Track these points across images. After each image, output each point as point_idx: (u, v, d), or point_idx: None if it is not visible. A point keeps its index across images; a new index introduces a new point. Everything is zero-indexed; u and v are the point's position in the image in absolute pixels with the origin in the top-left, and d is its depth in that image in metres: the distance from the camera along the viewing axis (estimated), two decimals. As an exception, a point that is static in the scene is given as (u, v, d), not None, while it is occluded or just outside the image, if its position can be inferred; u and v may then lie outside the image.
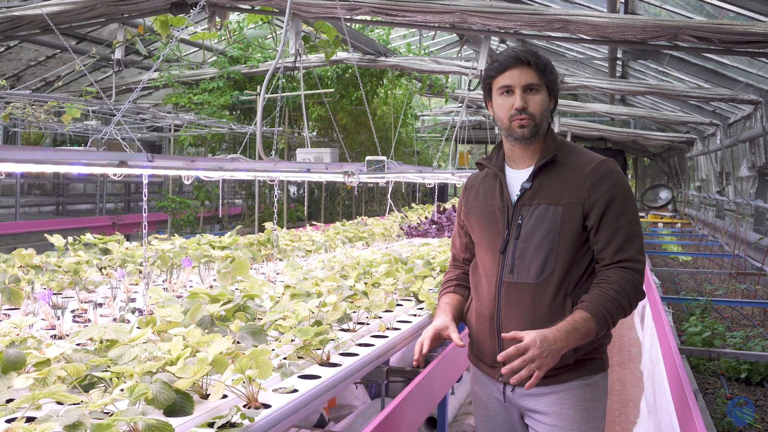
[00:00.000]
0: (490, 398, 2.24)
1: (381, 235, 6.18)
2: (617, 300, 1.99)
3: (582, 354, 2.07)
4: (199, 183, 10.91)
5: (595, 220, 2.05)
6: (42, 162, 2.17)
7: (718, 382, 3.74)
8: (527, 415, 2.16)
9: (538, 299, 2.06)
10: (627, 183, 2.12)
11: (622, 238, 2.03)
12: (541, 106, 2.10)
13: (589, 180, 2.07)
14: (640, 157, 21.66)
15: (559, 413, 2.08)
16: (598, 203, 2.05)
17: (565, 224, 2.06)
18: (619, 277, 2.01)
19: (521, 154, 2.18)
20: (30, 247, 3.57)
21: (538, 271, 2.07)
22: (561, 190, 2.08)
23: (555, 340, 1.90)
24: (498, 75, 2.12)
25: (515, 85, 2.09)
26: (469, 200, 2.31)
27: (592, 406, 2.10)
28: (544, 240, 2.06)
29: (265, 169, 3.78)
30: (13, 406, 1.58)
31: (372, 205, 14.84)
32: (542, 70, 2.09)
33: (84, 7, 6.18)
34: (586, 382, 2.09)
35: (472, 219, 2.26)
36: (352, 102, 11.74)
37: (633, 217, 2.07)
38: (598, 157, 2.14)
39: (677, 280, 7.13)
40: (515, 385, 2.03)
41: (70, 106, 7.98)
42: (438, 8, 5.61)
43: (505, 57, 2.12)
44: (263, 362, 1.79)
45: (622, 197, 2.06)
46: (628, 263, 2.03)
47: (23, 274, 3.14)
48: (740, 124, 10.10)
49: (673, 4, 6.54)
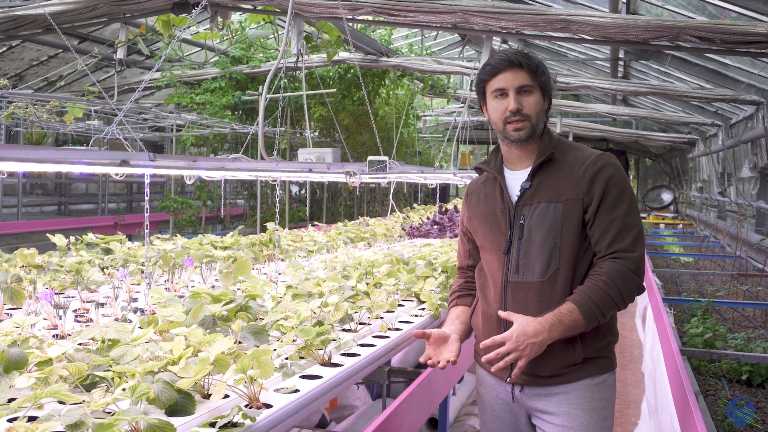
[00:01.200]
0: (496, 400, 2.23)
1: (383, 235, 6.18)
2: (606, 291, 1.98)
3: (590, 353, 2.07)
4: (201, 183, 10.92)
5: (591, 213, 2.05)
6: (44, 161, 2.18)
7: (719, 384, 3.74)
8: (535, 415, 2.16)
9: (544, 297, 2.06)
10: (624, 175, 2.11)
11: (617, 229, 2.03)
12: (536, 106, 2.11)
13: (587, 174, 2.07)
14: (641, 158, 21.65)
15: (568, 413, 2.08)
16: (595, 196, 2.05)
17: (566, 221, 2.06)
18: (609, 268, 2.00)
19: (519, 156, 2.18)
20: (32, 247, 3.57)
21: (543, 269, 2.06)
22: (560, 187, 2.09)
23: (536, 333, 1.92)
24: (491, 78, 2.13)
25: (508, 88, 2.09)
26: (471, 205, 2.31)
27: (600, 406, 2.09)
28: (547, 238, 2.06)
29: (267, 169, 3.79)
30: (14, 405, 1.59)
31: (374, 206, 14.85)
32: (534, 71, 2.09)
33: (86, 7, 6.19)
34: (594, 381, 2.09)
35: (475, 223, 2.27)
36: (354, 102, 11.75)
37: (629, 209, 2.06)
38: (596, 152, 2.14)
39: (679, 281, 7.13)
40: (504, 378, 2.12)
41: (72, 105, 7.99)
42: (440, 8, 5.61)
43: (497, 60, 2.12)
44: (265, 362, 1.79)
45: (618, 188, 2.06)
46: (621, 253, 2.02)
47: (25, 274, 3.15)
48: (742, 125, 10.09)
49: (674, 5, 6.54)
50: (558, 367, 2.06)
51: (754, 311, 5.55)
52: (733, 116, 10.67)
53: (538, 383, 2.10)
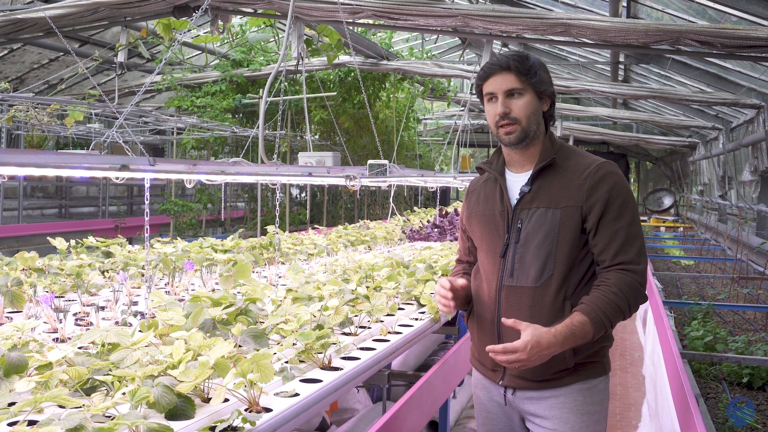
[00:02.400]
0: (491, 402, 2.24)
1: (383, 238, 6.19)
2: (616, 303, 1.98)
3: (582, 357, 2.07)
4: (201, 186, 10.92)
5: (593, 222, 2.04)
6: (43, 166, 2.18)
7: (719, 387, 3.73)
8: (528, 419, 2.16)
9: (537, 303, 2.06)
10: (626, 184, 2.10)
11: (622, 240, 2.02)
12: (526, 109, 2.08)
13: (588, 182, 2.05)
14: (642, 161, 21.64)
15: (560, 417, 2.08)
16: (596, 205, 2.03)
17: (563, 227, 2.05)
18: (618, 280, 2.00)
19: (519, 158, 2.18)
20: (33, 250, 3.57)
21: (537, 274, 2.06)
22: (559, 194, 2.08)
23: (549, 345, 1.90)
24: (483, 83, 2.13)
25: (497, 92, 2.09)
26: (471, 204, 2.31)
27: (592, 410, 2.09)
28: (543, 243, 2.06)
29: (267, 172, 3.79)
30: (15, 409, 1.59)
31: (374, 209, 14.85)
32: (524, 73, 2.07)
33: (87, 10, 6.20)
34: (586, 386, 2.09)
35: (474, 223, 2.27)
36: (354, 105, 11.75)
37: (633, 219, 2.06)
38: (597, 159, 2.12)
39: (679, 284, 7.12)
40: (496, 381, 2.15)
41: (73, 109, 8.00)
42: (440, 12, 5.62)
43: (488, 64, 2.12)
44: (265, 366, 1.80)
45: (621, 198, 2.05)
46: (628, 265, 2.02)
47: (26, 277, 3.15)
48: (743, 128, 10.09)
49: (675, 9, 6.54)
50: (549, 372, 2.06)
51: (755, 314, 5.54)
52: (733, 120, 10.67)
53: (530, 387, 2.11)
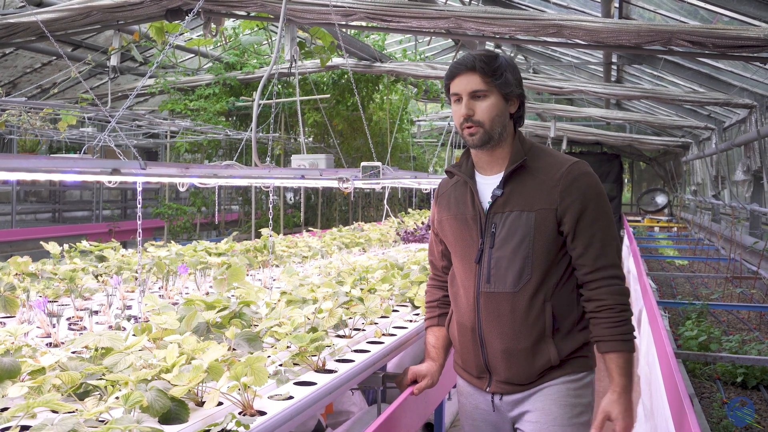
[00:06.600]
0: (476, 410, 2.21)
1: (377, 240, 6.19)
2: (624, 316, 2.03)
3: (567, 354, 2.07)
4: (195, 189, 10.90)
5: (570, 226, 2.02)
6: (34, 170, 2.17)
7: (714, 386, 3.75)
8: (516, 420, 2.15)
9: (516, 308, 2.04)
10: (600, 185, 2.08)
11: (600, 243, 2.02)
12: (490, 111, 2.04)
13: (561, 184, 2.03)
14: (636, 161, 21.70)
15: (542, 409, 2.08)
16: (571, 208, 2.01)
17: (539, 230, 2.02)
18: (608, 294, 2.02)
19: (488, 160, 2.14)
20: (26, 255, 3.56)
21: (515, 279, 2.04)
22: (533, 196, 2.04)
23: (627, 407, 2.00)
24: (449, 82, 2.09)
25: (462, 93, 2.05)
26: (441, 208, 2.26)
27: (575, 402, 2.08)
28: (519, 248, 2.03)
29: (260, 175, 3.79)
30: (7, 414, 1.58)
31: (369, 211, 14.84)
32: (489, 74, 2.02)
33: (79, 14, 6.18)
34: (570, 378, 2.09)
35: (445, 227, 2.22)
36: (348, 107, 11.75)
37: (608, 220, 2.05)
38: (569, 159, 2.09)
39: (673, 284, 7.14)
40: (483, 388, 2.16)
41: (65, 113, 7.98)
42: (433, 14, 5.62)
43: (455, 63, 2.08)
44: (259, 369, 1.79)
45: (596, 200, 2.04)
46: (610, 270, 2.02)
47: (19, 282, 3.14)
48: (735, 128, 10.13)
49: (667, 9, 6.56)
50: (535, 374, 2.07)
51: (749, 313, 5.56)
52: (726, 120, 10.71)
53: (516, 390, 2.11)
